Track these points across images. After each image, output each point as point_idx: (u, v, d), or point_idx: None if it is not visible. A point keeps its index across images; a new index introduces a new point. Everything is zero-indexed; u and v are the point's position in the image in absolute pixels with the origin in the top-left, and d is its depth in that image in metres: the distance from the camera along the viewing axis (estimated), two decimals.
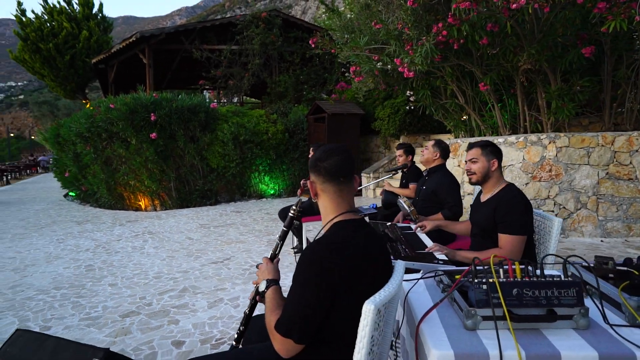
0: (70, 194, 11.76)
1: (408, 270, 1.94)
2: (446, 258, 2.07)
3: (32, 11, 16.88)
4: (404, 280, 1.78)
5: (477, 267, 1.35)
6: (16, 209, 10.22)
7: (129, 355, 2.63)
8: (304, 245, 4.70)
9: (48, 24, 16.71)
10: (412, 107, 8.04)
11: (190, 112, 8.70)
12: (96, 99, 12.38)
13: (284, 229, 1.68)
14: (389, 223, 2.76)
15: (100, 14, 18.28)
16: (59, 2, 17.20)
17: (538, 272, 1.32)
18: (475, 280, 1.30)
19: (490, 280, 1.28)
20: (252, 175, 9.80)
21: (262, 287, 1.47)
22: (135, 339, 2.90)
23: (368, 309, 1.14)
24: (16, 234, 6.90)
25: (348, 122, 9.09)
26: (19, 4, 16.78)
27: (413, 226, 2.72)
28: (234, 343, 1.65)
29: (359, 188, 4.28)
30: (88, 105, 11.22)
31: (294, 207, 1.63)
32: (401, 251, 2.11)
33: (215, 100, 12.11)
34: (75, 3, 17.57)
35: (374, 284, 1.31)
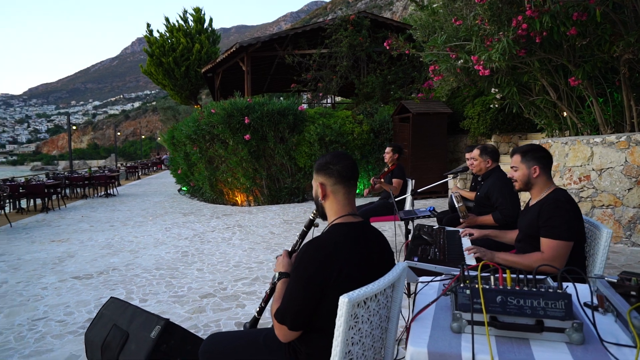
0: (183, 188, 13.40)
1: (432, 273, 1.98)
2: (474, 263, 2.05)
3: (157, 30, 19.65)
4: (421, 282, 1.85)
5: (467, 273, 1.39)
6: (141, 200, 12.01)
7: (198, 330, 3.06)
8: None
9: (169, 41, 19.28)
10: (497, 106, 7.53)
11: (280, 115, 9.31)
12: (209, 103, 13.81)
13: (304, 229, 1.86)
14: (436, 226, 2.76)
15: (210, 28, 20.46)
16: (177, 21, 19.73)
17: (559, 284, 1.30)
18: (462, 285, 1.34)
19: (475, 286, 1.31)
20: None
21: (275, 278, 1.68)
22: (207, 317, 3.35)
23: (342, 302, 1.27)
24: (137, 222, 8.17)
25: (434, 121, 8.85)
26: (148, 25, 19.69)
27: (461, 231, 2.69)
28: (256, 315, 1.92)
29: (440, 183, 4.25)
30: (198, 108, 12.62)
31: (314, 212, 1.79)
32: (430, 254, 2.14)
33: (310, 103, 12.73)
34: (190, 20, 19.95)
35: (367, 281, 1.42)
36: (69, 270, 4.87)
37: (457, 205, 2.88)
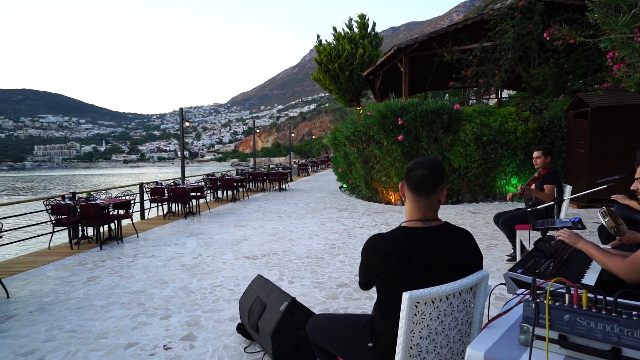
0: (343, 186, 14.39)
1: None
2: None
3: (325, 40, 21.51)
4: (516, 294, 1.82)
5: (540, 286, 1.37)
6: (306, 195, 13.43)
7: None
8: (518, 254, 4.50)
9: (335, 49, 20.84)
10: None
11: (433, 115, 9.19)
12: (366, 105, 14.51)
13: None
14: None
15: (373, 32, 21.25)
16: (343, 29, 21.16)
17: None
18: (530, 298, 1.34)
19: (542, 300, 1.30)
20: (498, 176, 9.39)
21: None
22: (339, 303, 3.74)
23: (404, 297, 1.43)
24: (300, 214, 9.26)
25: (621, 116, 7.39)
26: (318, 36, 21.74)
27: (609, 246, 2.39)
28: None
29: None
30: (360, 110, 13.38)
31: None
32: (541, 268, 2.02)
33: (476, 100, 12.11)
34: (355, 26, 21.12)
35: (430, 281, 1.52)
36: (242, 250, 5.98)
37: (603, 222, 2.51)
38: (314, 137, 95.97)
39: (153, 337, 3.21)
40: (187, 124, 14.55)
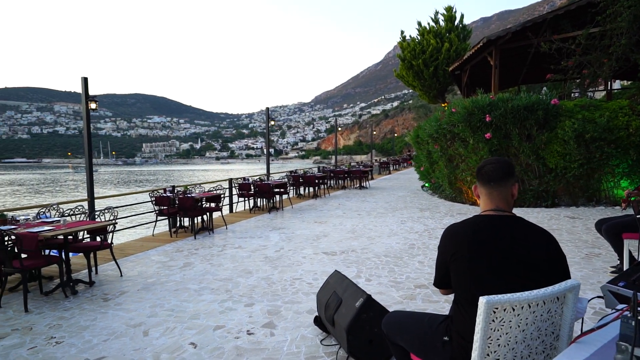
0: (426, 185, 13.98)
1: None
2: None
3: (409, 35, 20.94)
4: (615, 309, 1.64)
5: None
6: (387, 193, 13.29)
7: None
8: (625, 267, 4.04)
9: (419, 44, 20.19)
10: None
11: (526, 111, 8.50)
12: (451, 101, 13.91)
13: None
14: None
15: (460, 25, 20.17)
16: (428, 23, 20.40)
17: None
18: (629, 314, 1.21)
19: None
20: (604, 178, 8.41)
21: None
22: (416, 304, 3.67)
23: (480, 302, 1.38)
24: (379, 213, 9.21)
25: None
26: (401, 32, 21.23)
27: None
28: None
29: None
30: (445, 107, 12.87)
31: None
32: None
33: (582, 93, 11.00)
34: (441, 20, 20.23)
35: (497, 273, 1.51)
36: (321, 246, 6.13)
37: None
38: (396, 134, 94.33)
39: (238, 322, 3.46)
40: (272, 122, 15.23)
